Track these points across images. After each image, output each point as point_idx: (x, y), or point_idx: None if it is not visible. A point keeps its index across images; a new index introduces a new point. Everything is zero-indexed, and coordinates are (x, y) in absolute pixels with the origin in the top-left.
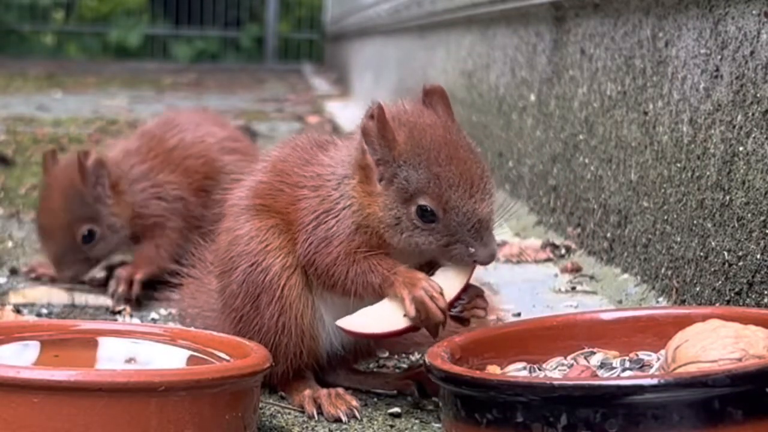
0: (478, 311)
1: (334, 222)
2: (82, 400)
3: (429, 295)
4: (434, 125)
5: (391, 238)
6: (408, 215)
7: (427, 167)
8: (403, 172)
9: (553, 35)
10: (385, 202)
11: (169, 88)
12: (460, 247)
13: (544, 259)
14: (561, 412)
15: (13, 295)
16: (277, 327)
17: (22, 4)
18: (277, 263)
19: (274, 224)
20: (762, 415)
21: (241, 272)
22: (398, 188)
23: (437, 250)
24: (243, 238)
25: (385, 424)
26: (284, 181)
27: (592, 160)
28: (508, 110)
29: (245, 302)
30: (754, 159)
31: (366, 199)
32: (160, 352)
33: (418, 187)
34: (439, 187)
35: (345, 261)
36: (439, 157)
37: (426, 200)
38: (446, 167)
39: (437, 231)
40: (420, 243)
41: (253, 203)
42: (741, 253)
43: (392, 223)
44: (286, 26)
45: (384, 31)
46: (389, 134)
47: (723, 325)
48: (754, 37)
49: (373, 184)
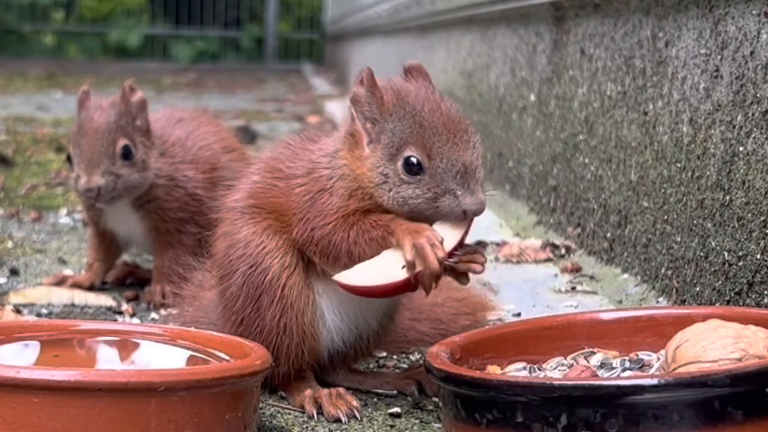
0: (475, 266)
1: (328, 196)
2: (82, 400)
3: (430, 243)
4: (418, 87)
5: (380, 197)
6: (395, 171)
7: (412, 117)
8: (389, 125)
9: (553, 35)
10: (373, 162)
11: (169, 88)
12: (448, 198)
13: (544, 259)
14: (561, 412)
15: (13, 295)
16: (279, 328)
17: (22, 4)
18: (276, 264)
19: (269, 225)
20: (762, 415)
21: (240, 275)
22: (385, 145)
23: (426, 206)
24: (240, 241)
25: (385, 424)
26: (276, 176)
27: (592, 160)
28: (508, 110)
29: (246, 304)
30: (754, 159)
31: (355, 163)
32: (160, 352)
33: (403, 137)
34: (423, 135)
35: (344, 225)
36: (423, 110)
37: (411, 150)
38: (429, 117)
39: (424, 183)
40: (408, 197)
41: (248, 204)
42: (741, 253)
43: (380, 180)
44: (286, 26)
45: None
46: (377, 92)
47: (723, 325)
48: (754, 37)
49: (362, 148)
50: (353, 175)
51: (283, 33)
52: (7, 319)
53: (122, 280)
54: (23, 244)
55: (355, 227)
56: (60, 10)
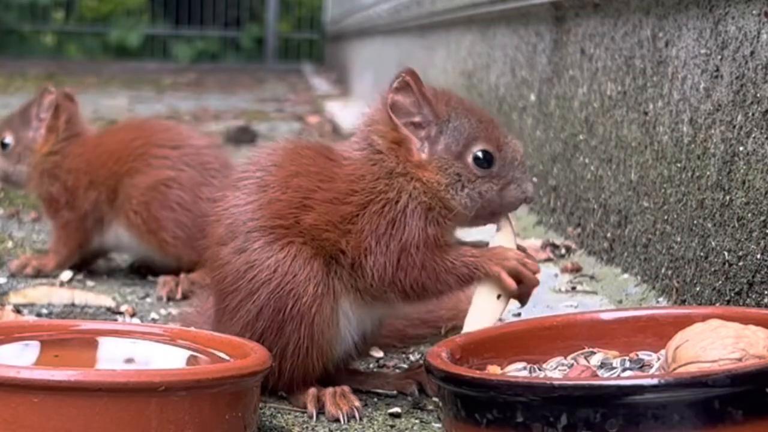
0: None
1: (404, 225)
2: (82, 400)
3: (521, 263)
4: (437, 88)
5: (454, 198)
6: (466, 167)
7: (469, 113)
8: (451, 124)
9: (553, 35)
10: (439, 165)
11: (169, 88)
12: (513, 187)
13: (544, 259)
14: (561, 412)
15: (13, 295)
16: (301, 350)
17: (22, 4)
18: (307, 295)
19: (299, 247)
20: (762, 415)
21: (264, 299)
22: (447, 144)
23: (496, 198)
24: (264, 265)
25: (385, 424)
26: (309, 197)
27: (592, 160)
28: (508, 110)
29: (267, 325)
30: (754, 159)
31: (418, 171)
32: (160, 352)
33: (470, 134)
34: (487, 129)
35: (431, 263)
36: (474, 108)
37: (481, 144)
38: (479, 113)
39: (494, 176)
40: (483, 192)
41: (271, 224)
42: (741, 253)
43: (453, 180)
44: (286, 26)
45: (384, 31)
46: (427, 93)
47: (723, 325)
48: (754, 37)
49: (415, 154)
50: (423, 186)
51: (283, 33)
52: (7, 319)
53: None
54: (23, 244)
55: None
56: (60, 10)
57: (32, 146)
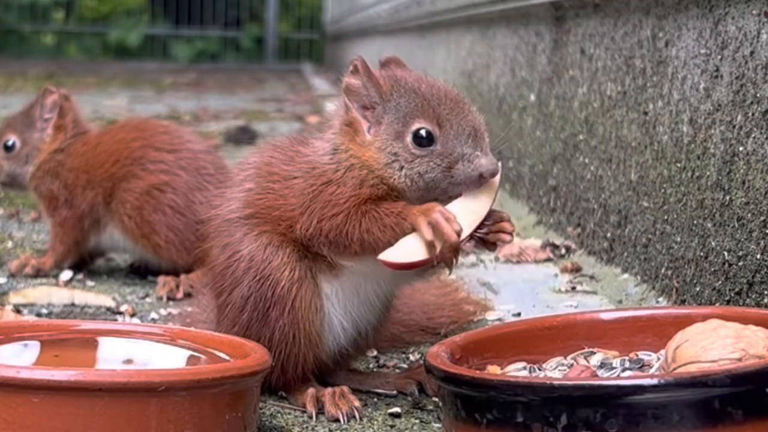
0: (504, 235)
1: (336, 187)
2: (82, 400)
3: (445, 218)
4: (408, 71)
5: (391, 177)
6: (404, 147)
7: (413, 93)
8: (391, 104)
9: (553, 35)
10: (378, 145)
11: (169, 88)
12: (463, 164)
13: (544, 259)
14: (561, 412)
15: (13, 295)
16: (287, 338)
17: (22, 4)
18: (284, 278)
19: (270, 237)
20: (762, 415)
21: (246, 288)
22: (389, 125)
23: (441, 176)
24: (244, 256)
25: (385, 424)
26: (271, 180)
27: (592, 160)
28: (508, 110)
29: (252, 315)
30: (754, 159)
31: (360, 151)
32: (160, 352)
33: (408, 112)
34: (428, 107)
35: (355, 214)
36: (421, 86)
37: (419, 122)
38: (429, 91)
39: (436, 154)
40: (422, 172)
41: (245, 214)
42: (741, 253)
43: (390, 160)
44: (286, 26)
45: (384, 31)
46: (374, 77)
47: (723, 325)
48: (754, 37)
49: (362, 135)
50: (361, 163)
51: (283, 33)
52: (7, 319)
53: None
54: (23, 244)
55: (368, 216)
56: (60, 10)
57: (40, 146)
